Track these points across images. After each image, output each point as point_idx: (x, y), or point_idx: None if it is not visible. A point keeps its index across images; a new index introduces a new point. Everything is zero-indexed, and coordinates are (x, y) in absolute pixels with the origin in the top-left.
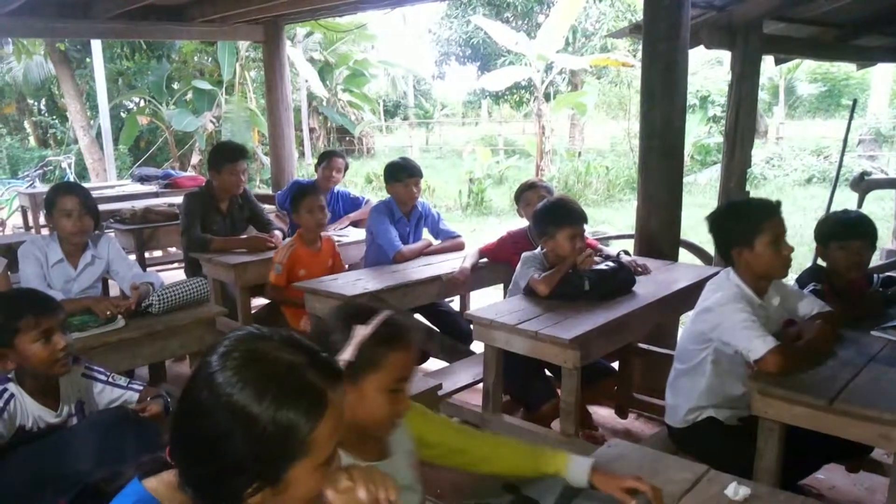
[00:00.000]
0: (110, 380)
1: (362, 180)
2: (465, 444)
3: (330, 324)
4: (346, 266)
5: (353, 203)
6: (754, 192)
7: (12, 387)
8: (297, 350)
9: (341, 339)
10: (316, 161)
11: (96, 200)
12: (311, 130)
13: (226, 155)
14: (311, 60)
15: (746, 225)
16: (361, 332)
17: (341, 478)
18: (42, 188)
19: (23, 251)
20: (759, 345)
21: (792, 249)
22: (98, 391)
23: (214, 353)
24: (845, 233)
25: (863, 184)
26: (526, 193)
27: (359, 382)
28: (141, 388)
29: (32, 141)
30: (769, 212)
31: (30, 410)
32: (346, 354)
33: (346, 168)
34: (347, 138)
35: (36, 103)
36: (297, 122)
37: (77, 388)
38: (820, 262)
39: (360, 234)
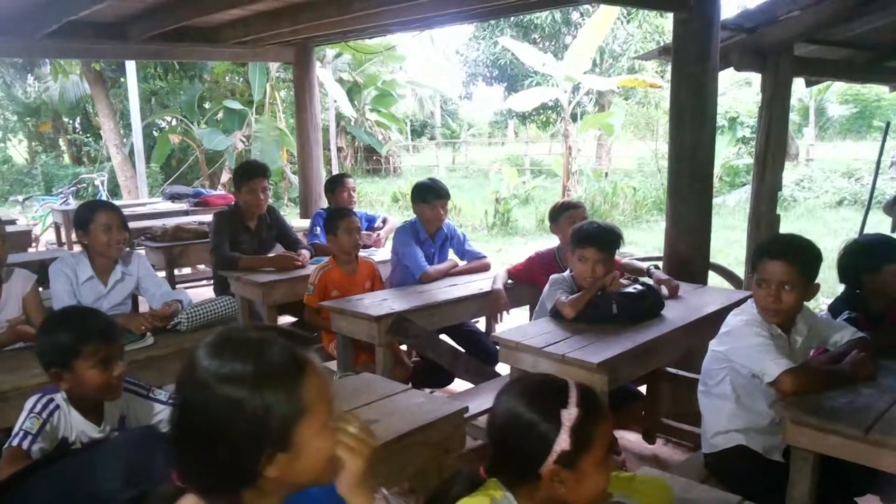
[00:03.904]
0: (150, 394)
1: (389, 199)
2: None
3: (527, 416)
4: None
5: (370, 220)
6: (785, 215)
7: (59, 398)
8: (263, 329)
9: (552, 429)
10: (326, 187)
11: (128, 218)
12: (339, 150)
13: (243, 174)
14: (340, 81)
15: (753, 259)
16: (569, 415)
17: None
18: (75, 205)
19: (53, 269)
20: (772, 367)
21: (776, 300)
22: (139, 405)
23: (192, 357)
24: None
25: None
26: (569, 212)
27: (577, 466)
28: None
29: (67, 158)
30: (767, 253)
31: (74, 425)
32: (564, 444)
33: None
34: (374, 157)
35: (71, 121)
36: (325, 142)
37: (119, 403)
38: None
39: (385, 254)
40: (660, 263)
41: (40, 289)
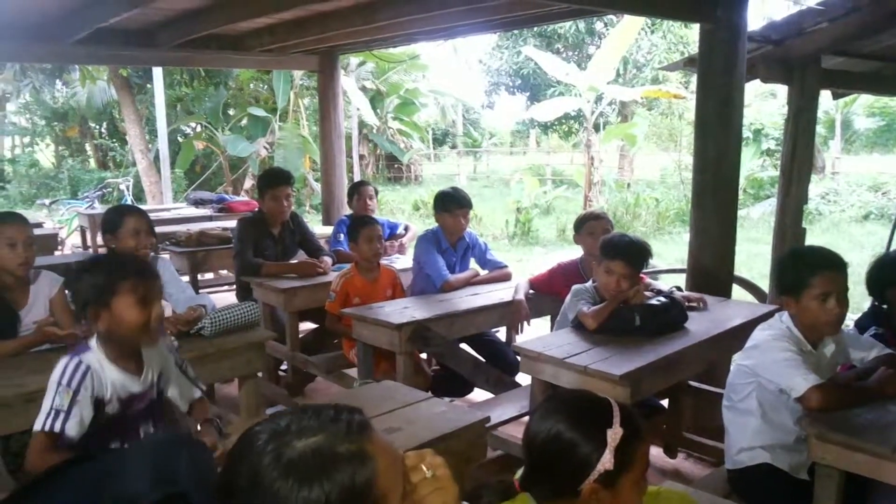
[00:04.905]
0: (183, 367)
1: (410, 207)
2: None
3: (570, 434)
4: None
5: (391, 228)
6: (810, 228)
7: (89, 356)
8: (314, 427)
9: (595, 448)
10: (347, 193)
11: (153, 223)
12: (361, 157)
13: (267, 181)
14: (364, 89)
15: (796, 275)
16: (614, 434)
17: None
18: (101, 209)
19: None
20: (800, 382)
21: (840, 308)
22: (176, 377)
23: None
24: None
25: None
26: (590, 223)
27: (616, 485)
28: (203, 389)
29: (93, 163)
30: (821, 266)
31: (110, 379)
32: (608, 464)
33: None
34: (396, 165)
35: (97, 127)
36: (347, 149)
37: (159, 358)
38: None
39: (407, 261)
40: (682, 284)
41: (66, 291)
